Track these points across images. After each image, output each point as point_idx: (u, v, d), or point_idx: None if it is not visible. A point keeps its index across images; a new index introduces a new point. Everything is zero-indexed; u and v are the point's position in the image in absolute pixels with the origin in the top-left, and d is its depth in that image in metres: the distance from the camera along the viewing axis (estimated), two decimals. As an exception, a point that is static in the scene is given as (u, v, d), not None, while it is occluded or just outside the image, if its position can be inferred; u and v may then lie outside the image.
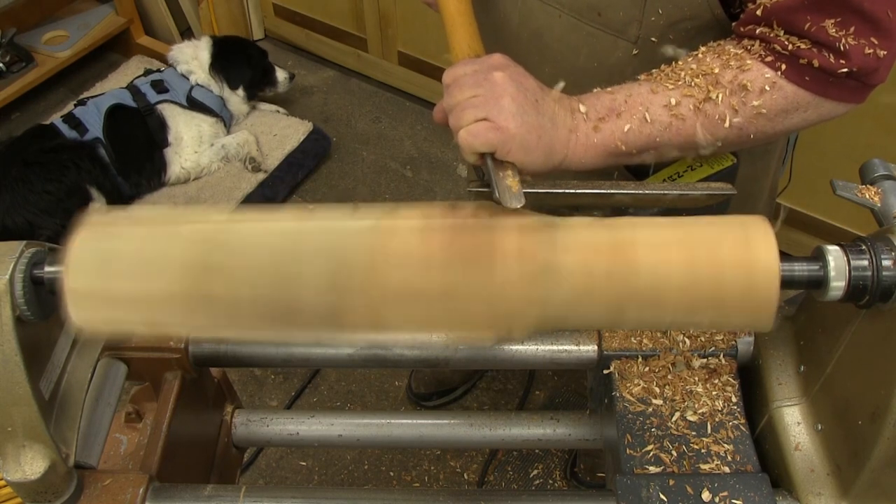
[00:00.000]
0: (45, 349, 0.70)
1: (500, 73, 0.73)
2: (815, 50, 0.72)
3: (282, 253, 0.60)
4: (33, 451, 0.67)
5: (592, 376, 0.92)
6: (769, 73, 0.74)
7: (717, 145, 0.79)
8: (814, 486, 0.72)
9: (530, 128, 0.72)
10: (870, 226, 0.70)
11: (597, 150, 0.78)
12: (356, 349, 0.87)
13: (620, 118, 0.77)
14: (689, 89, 0.76)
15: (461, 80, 0.74)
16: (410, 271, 0.59)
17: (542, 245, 0.60)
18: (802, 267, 0.62)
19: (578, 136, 0.77)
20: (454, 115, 0.74)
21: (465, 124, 0.72)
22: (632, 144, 0.78)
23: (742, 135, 0.77)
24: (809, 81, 0.74)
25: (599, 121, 0.77)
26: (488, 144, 0.71)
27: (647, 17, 0.85)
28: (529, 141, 0.72)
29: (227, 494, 0.77)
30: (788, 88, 0.75)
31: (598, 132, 0.77)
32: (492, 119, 0.71)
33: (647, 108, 0.76)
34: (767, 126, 0.77)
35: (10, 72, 2.47)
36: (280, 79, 2.51)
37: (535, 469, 1.76)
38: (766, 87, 0.75)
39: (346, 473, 1.75)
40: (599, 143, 0.77)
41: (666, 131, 0.77)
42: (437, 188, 2.42)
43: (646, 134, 0.77)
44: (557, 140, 0.75)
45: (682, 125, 0.76)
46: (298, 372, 1.95)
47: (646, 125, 0.77)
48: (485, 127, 0.71)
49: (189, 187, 2.33)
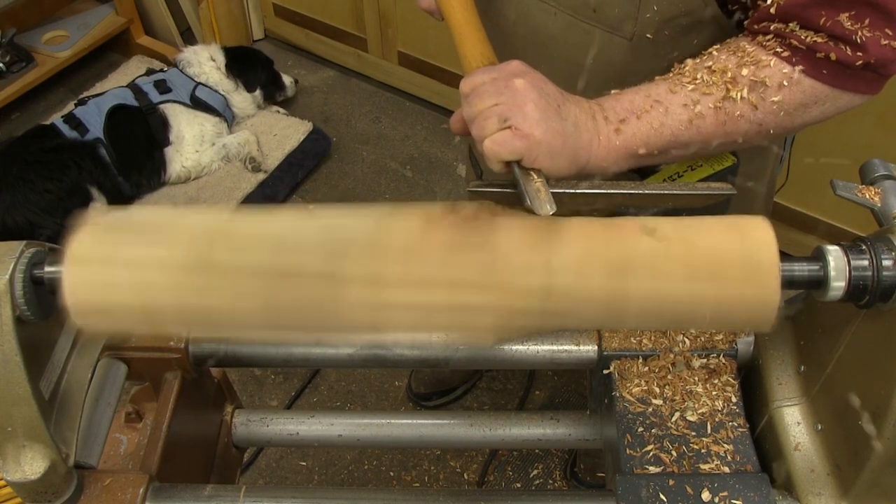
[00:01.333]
0: (45, 349, 0.70)
1: (521, 79, 0.73)
2: (832, 43, 0.72)
3: (281, 250, 0.60)
4: (33, 451, 0.67)
5: (592, 376, 0.92)
6: (787, 68, 0.75)
7: (738, 142, 0.79)
8: (814, 486, 0.72)
9: (555, 133, 0.72)
10: (870, 226, 0.70)
11: (619, 153, 0.77)
12: (356, 349, 0.87)
13: (641, 119, 0.77)
14: (708, 88, 0.76)
15: (480, 88, 0.73)
16: (412, 266, 0.59)
17: (543, 242, 0.60)
18: (802, 267, 0.62)
19: (601, 140, 0.77)
20: (477, 125, 0.73)
21: (489, 133, 0.72)
22: (653, 145, 0.77)
23: (762, 130, 0.78)
24: (827, 75, 0.74)
25: (620, 123, 0.77)
26: (515, 152, 0.71)
27: (642, 13, 0.85)
28: (555, 146, 0.72)
29: (227, 494, 0.77)
30: (806, 83, 0.75)
31: (619, 134, 0.77)
32: (516, 127, 0.71)
33: (667, 108, 0.76)
34: (787, 121, 0.77)
35: (10, 72, 2.47)
36: (287, 83, 2.59)
37: (535, 469, 1.76)
38: (785, 83, 0.75)
39: (346, 473, 1.75)
40: (621, 145, 0.77)
41: (687, 131, 0.77)
42: (437, 188, 2.42)
43: (667, 134, 0.77)
44: (581, 144, 0.75)
45: (702, 123, 0.76)
46: (298, 372, 1.95)
47: (666, 125, 0.76)
48: (510, 135, 0.71)
49: (189, 187, 2.33)
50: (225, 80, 2.40)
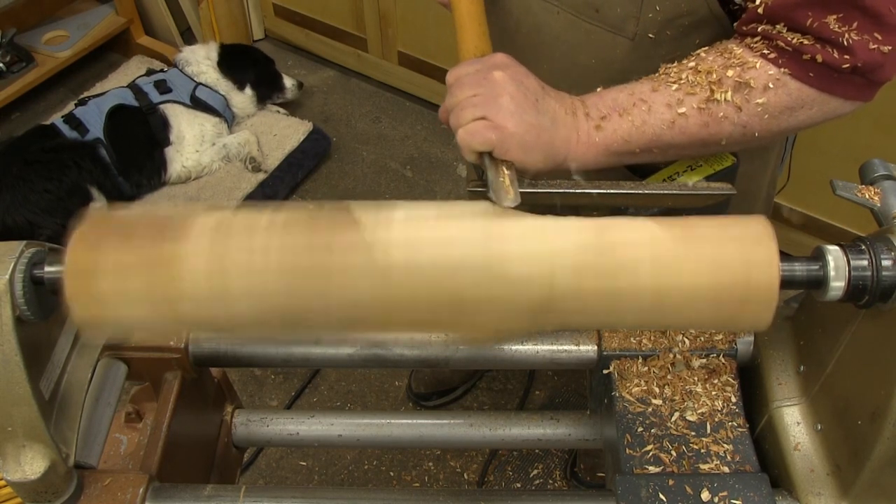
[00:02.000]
0: (45, 349, 0.70)
1: (500, 72, 0.73)
2: (819, 46, 0.72)
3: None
4: (33, 451, 0.67)
5: (592, 376, 0.92)
6: (773, 69, 0.74)
7: (722, 144, 0.79)
8: (814, 486, 0.72)
9: (529, 127, 0.72)
10: (870, 226, 0.70)
11: (598, 149, 0.78)
12: (356, 349, 0.87)
13: (622, 117, 0.77)
14: (692, 88, 0.76)
15: (463, 79, 0.74)
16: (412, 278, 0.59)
17: (542, 243, 0.60)
18: (802, 267, 0.62)
19: (580, 135, 0.77)
20: (454, 115, 0.74)
21: (463, 123, 0.72)
22: (634, 143, 0.77)
23: (746, 133, 0.77)
24: (814, 78, 0.74)
25: (602, 119, 0.77)
26: (486, 143, 0.71)
27: (644, 13, 0.85)
28: (528, 140, 0.72)
29: (227, 494, 0.77)
30: (792, 85, 0.74)
31: (599, 131, 0.77)
32: (490, 118, 0.71)
33: (650, 106, 0.76)
34: (772, 124, 0.77)
35: (10, 72, 2.47)
36: (288, 85, 2.55)
37: (535, 469, 1.76)
38: (770, 85, 0.74)
39: (346, 473, 1.75)
40: (601, 141, 0.77)
41: (669, 130, 0.77)
42: (437, 188, 2.42)
43: (649, 133, 0.77)
44: (558, 139, 0.75)
45: (685, 124, 0.76)
46: (298, 372, 1.95)
47: (648, 124, 0.76)
48: (483, 126, 0.71)
49: (189, 187, 2.33)
50: (222, 79, 2.40)
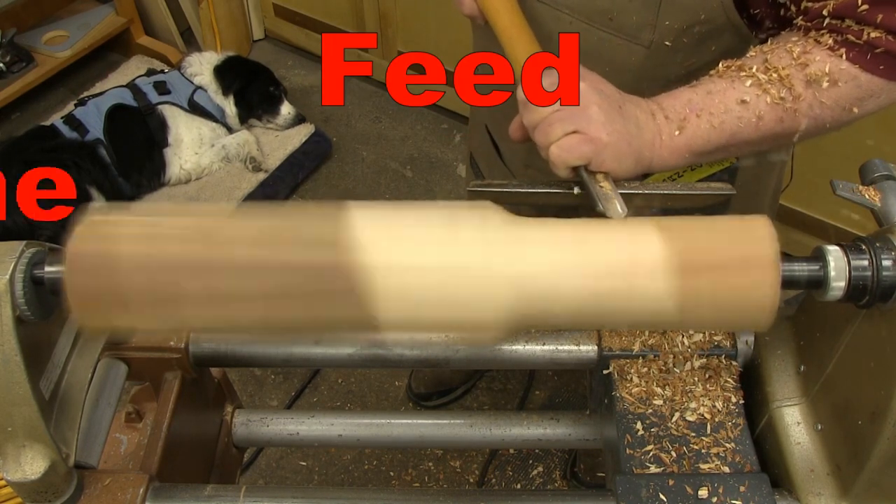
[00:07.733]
0: (45, 349, 0.70)
1: (582, 82, 0.72)
2: (891, 38, 0.72)
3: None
4: (33, 451, 0.67)
5: (592, 376, 0.92)
6: (843, 64, 0.74)
7: (795, 138, 0.78)
8: (814, 486, 0.72)
9: (620, 136, 0.72)
10: (870, 226, 0.70)
11: (681, 151, 0.77)
12: (356, 349, 0.87)
13: (700, 117, 0.76)
14: (765, 85, 0.75)
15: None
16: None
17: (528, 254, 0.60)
18: (802, 267, 0.62)
19: (663, 139, 0.76)
20: (540, 131, 0.72)
21: (554, 139, 0.71)
22: (714, 143, 0.77)
23: (819, 125, 0.77)
24: (884, 69, 0.74)
25: (682, 121, 0.76)
26: (582, 157, 0.71)
27: (661, 21, 0.84)
28: (621, 148, 0.72)
29: (227, 494, 0.77)
30: (863, 77, 0.75)
31: (681, 133, 0.76)
32: (582, 130, 0.70)
33: (726, 105, 0.76)
34: (843, 115, 0.77)
35: (10, 72, 2.47)
36: (283, 112, 2.46)
37: (535, 469, 1.76)
38: (841, 78, 0.74)
39: (346, 473, 1.75)
40: (684, 143, 0.77)
41: (746, 128, 0.76)
42: (437, 188, 2.42)
43: (727, 132, 0.76)
44: (644, 144, 0.75)
45: (761, 121, 0.76)
46: (298, 372, 1.95)
47: (726, 123, 0.76)
48: (577, 140, 0.70)
49: (189, 187, 2.34)
50: (214, 84, 2.37)
